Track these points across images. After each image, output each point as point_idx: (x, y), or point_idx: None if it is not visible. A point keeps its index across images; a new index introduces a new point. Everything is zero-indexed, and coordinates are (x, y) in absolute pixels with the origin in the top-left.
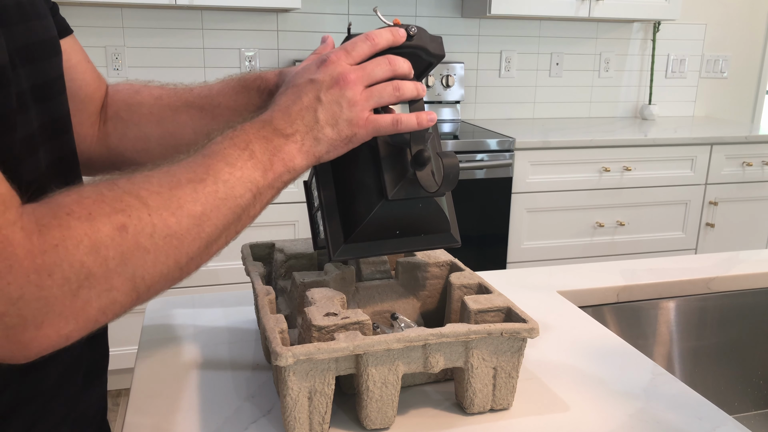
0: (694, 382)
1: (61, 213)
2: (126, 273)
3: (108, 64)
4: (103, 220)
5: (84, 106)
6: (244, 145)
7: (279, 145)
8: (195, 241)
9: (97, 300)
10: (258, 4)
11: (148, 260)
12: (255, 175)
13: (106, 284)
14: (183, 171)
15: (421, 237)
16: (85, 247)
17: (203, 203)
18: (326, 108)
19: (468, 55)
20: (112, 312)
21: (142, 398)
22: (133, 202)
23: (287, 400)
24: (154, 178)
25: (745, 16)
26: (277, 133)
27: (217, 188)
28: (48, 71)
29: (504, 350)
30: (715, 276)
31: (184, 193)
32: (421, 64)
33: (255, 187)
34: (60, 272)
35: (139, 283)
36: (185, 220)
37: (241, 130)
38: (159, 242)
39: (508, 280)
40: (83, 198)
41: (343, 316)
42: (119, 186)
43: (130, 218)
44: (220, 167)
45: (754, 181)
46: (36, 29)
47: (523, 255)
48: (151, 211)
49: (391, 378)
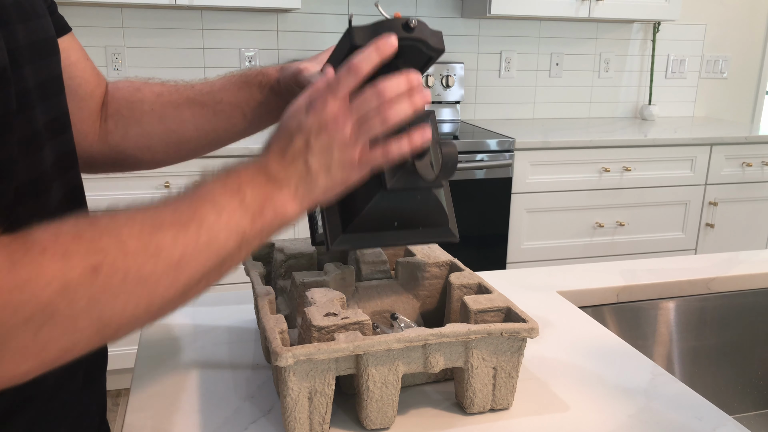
0: (693, 382)
1: (34, 250)
2: (93, 315)
3: (108, 64)
4: (77, 259)
5: (84, 104)
6: (235, 188)
7: (271, 192)
8: (170, 287)
9: (59, 340)
10: (258, 5)
11: (117, 304)
12: (243, 222)
13: (71, 325)
14: (168, 212)
15: (419, 230)
16: (55, 287)
17: (183, 249)
18: (317, 155)
19: (468, 55)
20: (73, 353)
21: (142, 398)
22: (110, 244)
23: (287, 400)
24: (137, 219)
25: (745, 16)
26: (270, 179)
27: (200, 234)
28: (50, 70)
29: (504, 350)
30: (715, 276)
31: (164, 238)
32: (421, 58)
33: (241, 235)
34: (25, 311)
35: (105, 327)
36: (162, 266)
37: (235, 173)
38: (131, 287)
39: (508, 280)
40: (60, 235)
41: (343, 317)
42: (100, 225)
43: (105, 259)
44: (206, 211)
45: (754, 182)
46: (35, 28)
47: (522, 255)
48: (127, 254)
49: (391, 378)
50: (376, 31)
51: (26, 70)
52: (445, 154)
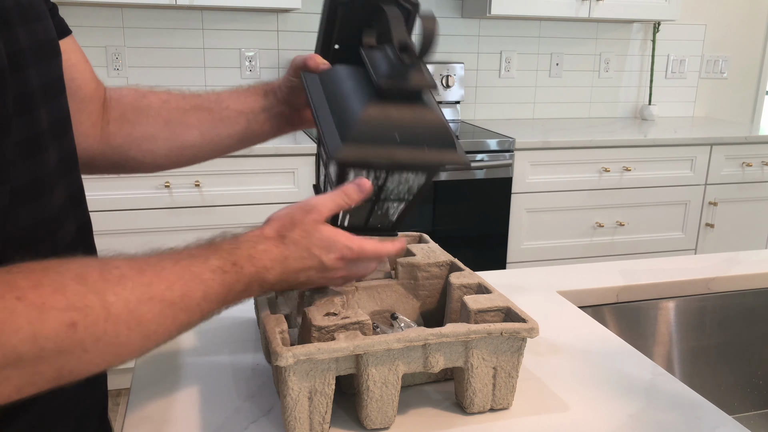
0: (693, 382)
1: (9, 295)
2: (56, 364)
3: (108, 64)
4: (54, 313)
5: (84, 106)
6: (228, 285)
7: (250, 293)
8: (136, 351)
9: (17, 379)
10: (258, 5)
11: (83, 359)
12: (215, 309)
13: (32, 369)
14: (160, 284)
15: (424, 150)
16: (23, 335)
17: (159, 324)
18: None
19: (468, 55)
20: (27, 392)
21: (142, 398)
22: (94, 304)
23: (287, 400)
24: (128, 283)
25: (745, 16)
26: (263, 283)
27: (179, 315)
28: (52, 72)
29: (504, 350)
30: (715, 276)
31: (149, 312)
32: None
33: (208, 314)
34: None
35: (65, 375)
36: (136, 336)
37: (239, 269)
38: (102, 348)
39: (508, 280)
40: (42, 284)
41: (343, 316)
42: (88, 282)
43: (84, 318)
44: (196, 297)
45: (754, 182)
46: (37, 30)
47: (522, 255)
48: (108, 318)
49: (392, 378)
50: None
51: (29, 72)
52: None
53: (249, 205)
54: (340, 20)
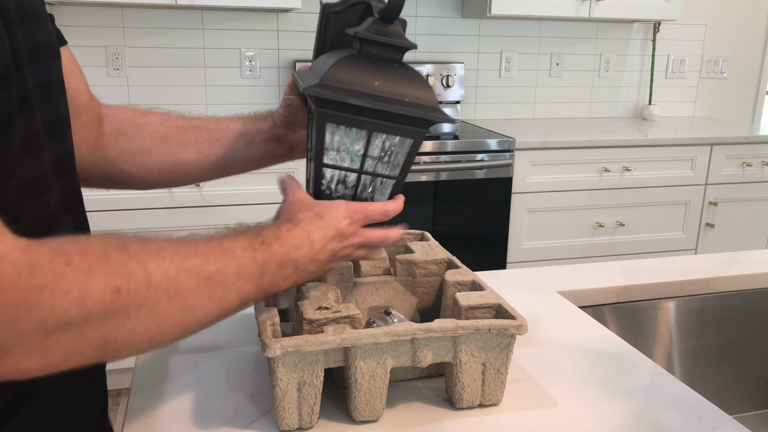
0: (693, 382)
1: (58, 259)
2: (101, 331)
3: (108, 64)
4: (100, 278)
5: (77, 117)
6: (261, 263)
7: (286, 275)
8: (174, 327)
9: (66, 345)
10: (258, 4)
11: (126, 327)
12: (252, 291)
13: (80, 334)
14: (197, 258)
15: (407, 102)
16: (72, 297)
17: (198, 298)
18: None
19: (468, 55)
20: (74, 361)
21: (142, 398)
22: (137, 272)
23: (276, 390)
24: (167, 254)
25: (745, 16)
26: (293, 264)
27: (217, 290)
28: (49, 73)
29: (493, 346)
30: (715, 276)
31: (187, 283)
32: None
33: (246, 299)
34: (39, 313)
35: (110, 344)
36: (175, 307)
37: (267, 247)
38: (144, 316)
39: (508, 280)
40: (88, 251)
41: (334, 310)
42: (129, 251)
43: (128, 285)
44: (230, 272)
45: (754, 182)
46: (36, 32)
47: (523, 255)
48: (149, 286)
49: (379, 371)
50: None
51: (26, 72)
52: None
53: (249, 205)
54: (332, 28)
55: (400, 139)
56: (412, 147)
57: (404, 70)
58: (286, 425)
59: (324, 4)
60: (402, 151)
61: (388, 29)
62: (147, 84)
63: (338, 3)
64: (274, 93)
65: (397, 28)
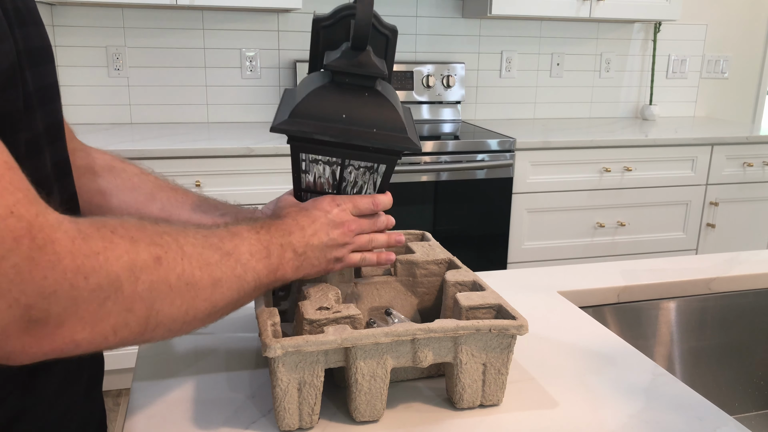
0: (694, 382)
1: (104, 229)
2: (147, 301)
3: (109, 64)
4: (143, 246)
5: None
6: (265, 243)
7: (288, 258)
8: (205, 301)
9: (116, 316)
10: (259, 5)
11: (168, 298)
12: (263, 272)
13: (129, 304)
14: (214, 238)
15: (373, 132)
16: (124, 263)
17: (223, 272)
18: (330, 244)
19: (469, 55)
20: (122, 334)
21: (142, 398)
22: (171, 242)
23: (277, 390)
24: (189, 233)
25: (746, 16)
26: (291, 246)
27: (236, 267)
28: (47, 76)
29: (493, 347)
30: (716, 276)
31: (212, 256)
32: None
33: (258, 281)
34: (96, 278)
35: (153, 317)
36: (207, 279)
37: (267, 230)
38: (182, 286)
39: (509, 280)
40: (127, 223)
41: (335, 311)
42: (159, 225)
43: (166, 254)
44: (243, 251)
45: (755, 182)
46: (33, 35)
47: (523, 255)
48: (184, 256)
49: (380, 371)
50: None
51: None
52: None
53: (249, 205)
54: (323, 41)
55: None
56: (386, 170)
57: (374, 98)
58: (286, 425)
59: (314, 19)
60: (377, 174)
61: (358, 58)
62: (147, 84)
63: (327, 17)
64: (274, 93)
65: (367, 56)
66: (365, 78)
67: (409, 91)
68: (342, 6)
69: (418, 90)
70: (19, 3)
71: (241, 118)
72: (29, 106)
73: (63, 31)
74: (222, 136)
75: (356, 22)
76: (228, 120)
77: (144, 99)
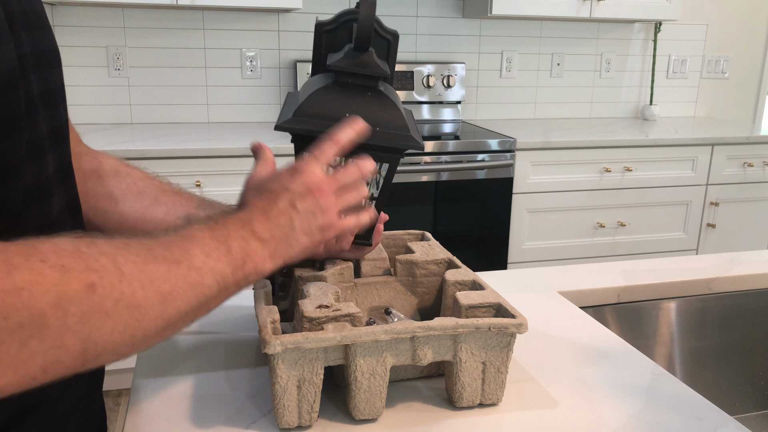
0: (694, 382)
1: (34, 257)
2: (81, 334)
3: (109, 64)
4: (75, 275)
5: None
6: (223, 239)
7: (255, 249)
8: (156, 319)
9: (43, 355)
10: (259, 5)
11: (106, 326)
12: (226, 270)
13: (58, 341)
14: (160, 248)
15: (376, 130)
16: (50, 297)
17: (173, 284)
18: (302, 216)
19: (469, 55)
20: (53, 372)
21: (143, 398)
22: (107, 265)
23: (276, 387)
24: (132, 248)
25: (747, 16)
26: (254, 235)
27: (189, 273)
28: (52, 79)
29: (493, 345)
30: (716, 276)
31: (157, 270)
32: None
33: (223, 281)
34: (17, 317)
35: (91, 348)
36: (152, 296)
37: (222, 224)
38: (122, 311)
39: (509, 280)
40: (60, 249)
41: (334, 309)
42: (97, 246)
43: (101, 279)
44: (196, 253)
45: (755, 182)
46: (40, 38)
47: (523, 255)
48: (122, 278)
49: (379, 369)
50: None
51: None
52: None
53: None
54: (326, 46)
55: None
56: (389, 169)
57: (377, 98)
58: (285, 423)
59: (317, 23)
60: (380, 174)
61: (361, 58)
62: (148, 84)
63: (330, 21)
64: (274, 93)
65: (370, 56)
66: (368, 78)
67: (409, 91)
68: (344, 11)
69: (418, 90)
70: (27, 6)
71: (242, 118)
72: (33, 110)
73: (63, 31)
74: (222, 136)
75: (359, 23)
76: (228, 120)
77: (144, 99)
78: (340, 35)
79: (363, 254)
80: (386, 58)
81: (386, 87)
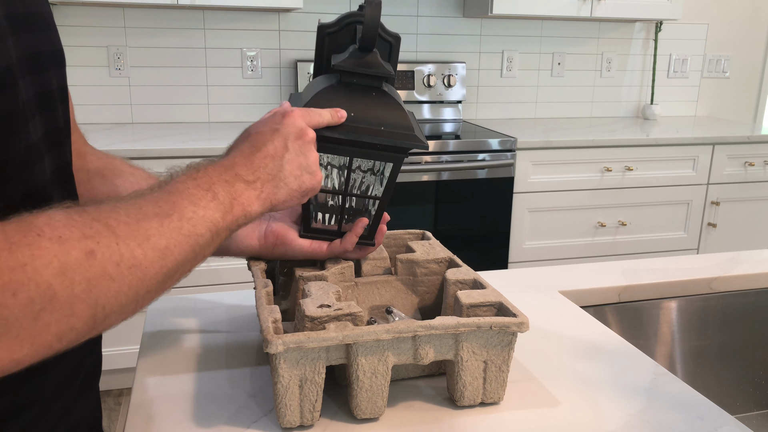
0: (695, 382)
1: (31, 233)
2: (89, 300)
3: (110, 64)
4: (73, 244)
5: None
6: (207, 186)
7: (240, 190)
8: (157, 274)
9: (56, 325)
10: (260, 4)
11: (111, 289)
12: (216, 216)
13: (68, 309)
14: (149, 205)
15: (381, 129)
16: (54, 269)
17: (168, 238)
18: (293, 157)
19: (470, 54)
20: (68, 339)
21: (143, 398)
22: (102, 230)
23: (278, 387)
24: (121, 209)
25: (747, 15)
26: (238, 178)
27: (182, 225)
28: (51, 81)
29: (494, 344)
30: (717, 276)
31: (150, 226)
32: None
33: (214, 227)
34: (25, 292)
35: (99, 312)
36: (150, 253)
37: (204, 172)
38: (124, 272)
39: (510, 280)
40: (54, 220)
41: (336, 308)
42: (88, 213)
43: (98, 245)
44: (185, 205)
45: (756, 181)
46: (43, 40)
47: (524, 255)
48: (119, 240)
49: (381, 368)
50: (341, 20)
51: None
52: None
53: None
54: (328, 48)
55: (380, 162)
56: (393, 168)
57: (381, 98)
58: (287, 422)
59: (320, 25)
60: (383, 174)
61: (366, 59)
62: (148, 84)
63: (332, 23)
64: (275, 93)
65: (374, 57)
66: (373, 78)
67: (410, 91)
68: (347, 13)
69: (419, 89)
70: (33, 8)
71: (242, 117)
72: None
73: (64, 30)
74: (223, 135)
75: (364, 24)
76: (229, 120)
77: (145, 99)
78: (342, 37)
79: (365, 254)
80: (388, 61)
81: (389, 88)
